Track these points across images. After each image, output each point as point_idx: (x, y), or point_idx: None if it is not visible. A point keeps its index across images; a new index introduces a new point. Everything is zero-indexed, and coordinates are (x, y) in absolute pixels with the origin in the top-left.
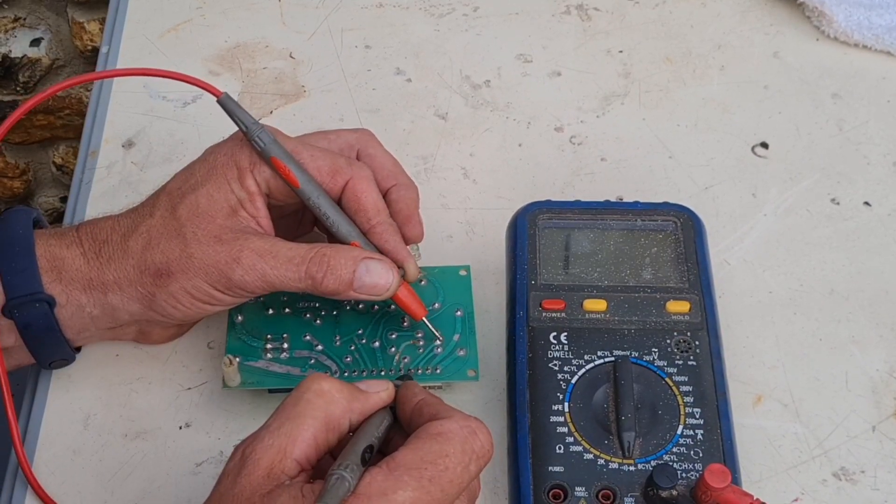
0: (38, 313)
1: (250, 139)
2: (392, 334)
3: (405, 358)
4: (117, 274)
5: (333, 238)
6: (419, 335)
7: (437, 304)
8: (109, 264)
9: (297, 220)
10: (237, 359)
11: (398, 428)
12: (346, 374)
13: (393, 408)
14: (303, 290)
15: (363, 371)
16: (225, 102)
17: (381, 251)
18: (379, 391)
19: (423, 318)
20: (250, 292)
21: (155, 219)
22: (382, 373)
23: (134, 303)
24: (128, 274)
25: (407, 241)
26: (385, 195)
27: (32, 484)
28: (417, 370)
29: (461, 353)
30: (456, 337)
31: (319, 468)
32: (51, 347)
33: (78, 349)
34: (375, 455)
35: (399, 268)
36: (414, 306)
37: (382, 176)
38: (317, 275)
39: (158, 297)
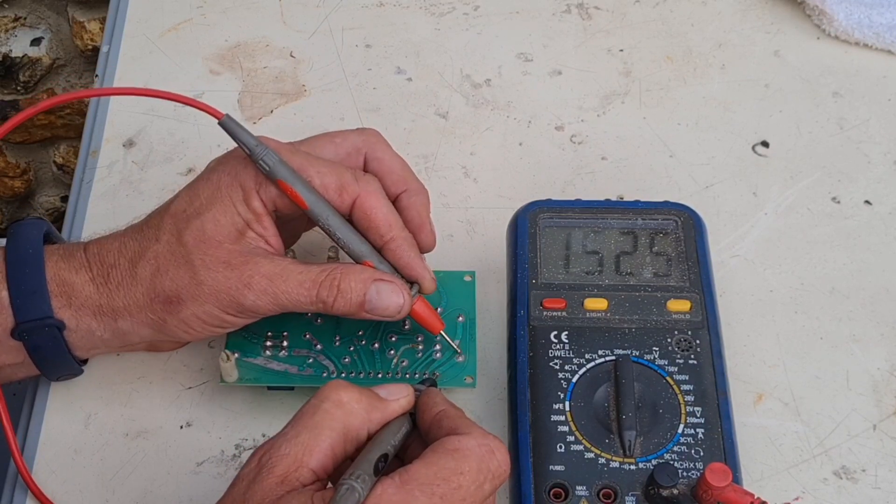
0: (48, 337)
1: (255, 161)
2: (392, 337)
3: (403, 361)
4: (127, 301)
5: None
6: (419, 339)
7: (439, 309)
8: (119, 291)
9: (304, 220)
10: (235, 354)
11: (417, 434)
12: (343, 374)
13: (413, 413)
14: (315, 311)
15: (360, 373)
16: (227, 124)
17: (395, 267)
18: (399, 398)
19: (441, 332)
20: (262, 314)
21: (161, 244)
22: (380, 375)
23: (144, 328)
24: (137, 301)
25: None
26: (395, 201)
27: (33, 490)
28: (415, 374)
29: (460, 359)
30: (456, 342)
31: (337, 475)
32: (60, 366)
33: (84, 362)
34: (392, 461)
35: (415, 283)
36: (431, 321)
37: (392, 181)
38: (328, 299)
39: (169, 323)
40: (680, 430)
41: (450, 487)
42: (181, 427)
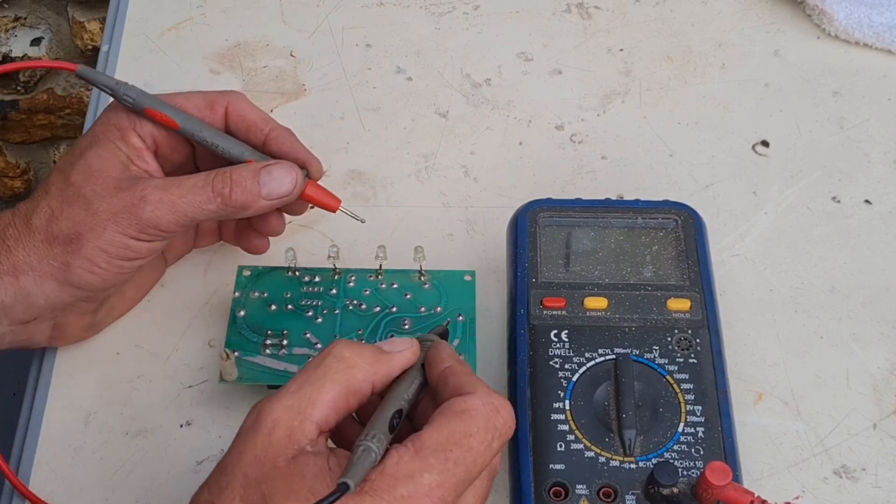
0: None
1: (119, 99)
2: (392, 336)
3: None
4: (26, 253)
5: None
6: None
7: (439, 308)
8: (17, 245)
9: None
10: (235, 353)
11: (428, 389)
12: None
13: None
14: (216, 213)
15: None
16: (83, 73)
17: (280, 156)
18: (402, 350)
19: (340, 208)
20: (164, 230)
21: (51, 194)
22: None
23: (48, 280)
24: (37, 250)
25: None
26: (265, 140)
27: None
28: None
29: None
30: (456, 342)
31: (342, 432)
32: None
33: None
34: (404, 421)
35: (302, 168)
36: (326, 199)
37: (257, 128)
38: (224, 190)
39: (73, 265)
40: (680, 429)
41: (462, 451)
42: (181, 426)
